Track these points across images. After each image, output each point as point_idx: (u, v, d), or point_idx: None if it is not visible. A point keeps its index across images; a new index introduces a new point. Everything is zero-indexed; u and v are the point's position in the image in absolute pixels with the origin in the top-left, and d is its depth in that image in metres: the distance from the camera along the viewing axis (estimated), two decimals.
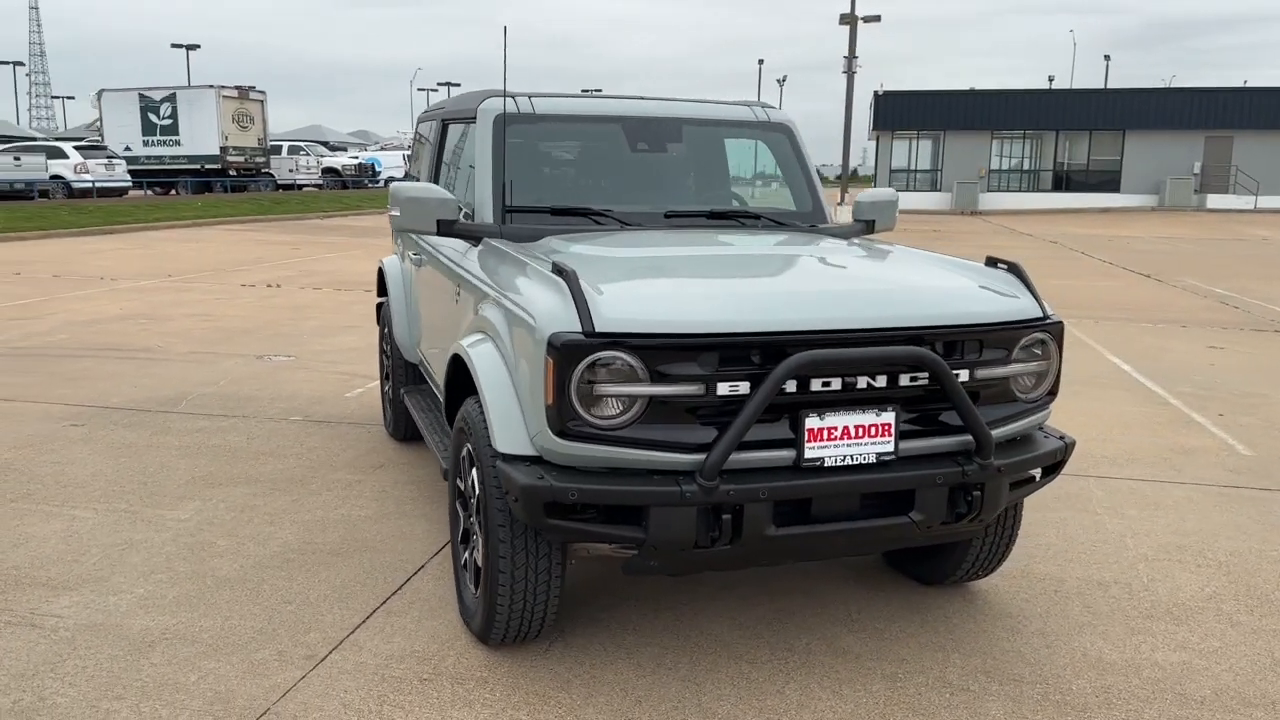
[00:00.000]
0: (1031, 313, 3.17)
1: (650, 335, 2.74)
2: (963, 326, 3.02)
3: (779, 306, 2.89)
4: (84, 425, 5.88)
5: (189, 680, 3.07)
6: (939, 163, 42.96)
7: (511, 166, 4.02)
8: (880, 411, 2.92)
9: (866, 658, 3.30)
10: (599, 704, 2.99)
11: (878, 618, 3.59)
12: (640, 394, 2.75)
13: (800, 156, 4.47)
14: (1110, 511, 4.73)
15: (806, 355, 2.76)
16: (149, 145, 32.32)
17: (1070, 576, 3.98)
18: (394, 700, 2.99)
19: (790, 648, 3.36)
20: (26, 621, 3.42)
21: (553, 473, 2.81)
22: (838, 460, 2.89)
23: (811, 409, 2.86)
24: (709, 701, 3.02)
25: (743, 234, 3.94)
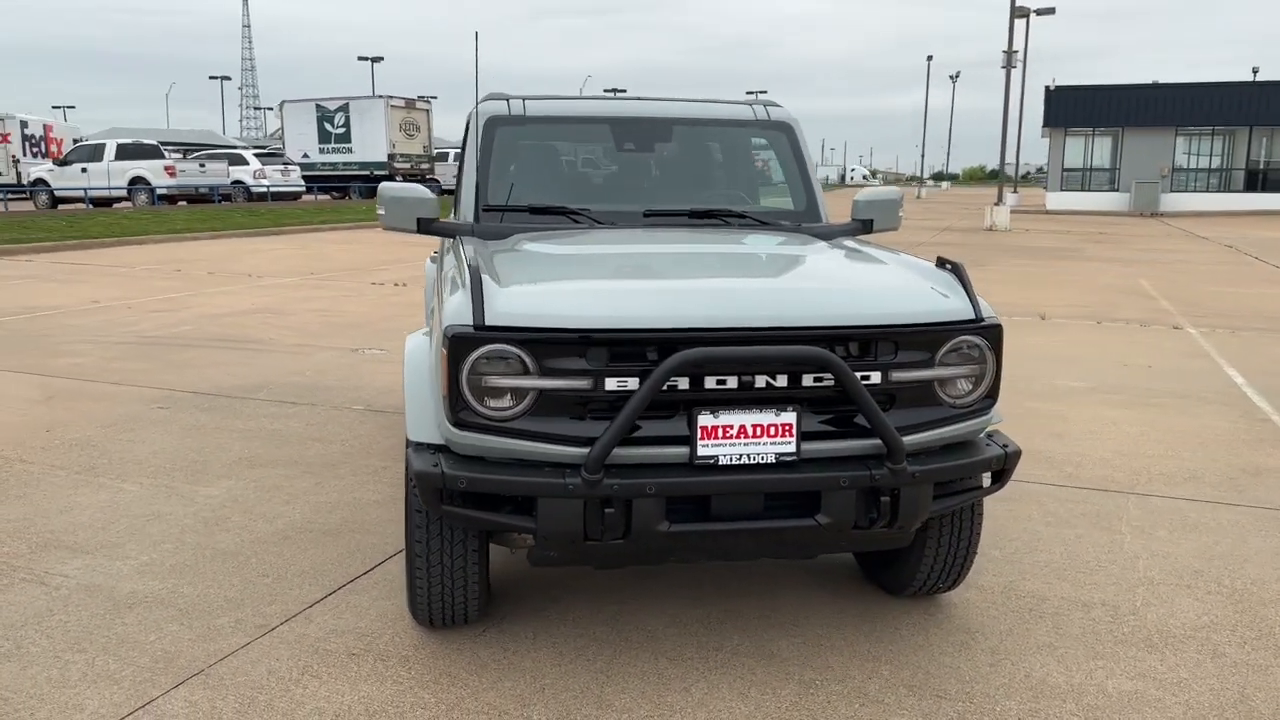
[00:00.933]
0: (961, 314, 3.04)
1: (538, 330, 2.80)
2: (871, 327, 2.93)
3: (674, 304, 2.89)
4: (169, 409, 6.41)
5: (147, 640, 3.34)
6: (1117, 161, 40.62)
7: (501, 166, 4.16)
8: (780, 411, 2.88)
9: (791, 663, 3.25)
10: (503, 688, 3.07)
11: (825, 625, 3.51)
12: (529, 387, 2.81)
13: (799, 155, 4.40)
14: (1137, 531, 4.43)
15: (691, 352, 2.75)
16: (324, 152, 34.49)
17: (1054, 595, 3.77)
18: (315, 670, 3.16)
19: (719, 648, 3.34)
20: (37, 579, 3.80)
21: (452, 461, 2.91)
22: (733, 459, 2.87)
23: (705, 407, 2.85)
24: (611, 694, 3.05)
25: (712, 233, 3.93)
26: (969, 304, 3.07)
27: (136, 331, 9.34)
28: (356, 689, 3.06)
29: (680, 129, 4.39)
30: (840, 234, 4.17)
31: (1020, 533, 4.39)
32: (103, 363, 7.84)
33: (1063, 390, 7.27)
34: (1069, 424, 6.29)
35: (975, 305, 3.08)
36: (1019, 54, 33.36)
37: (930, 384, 3.03)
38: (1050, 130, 41.19)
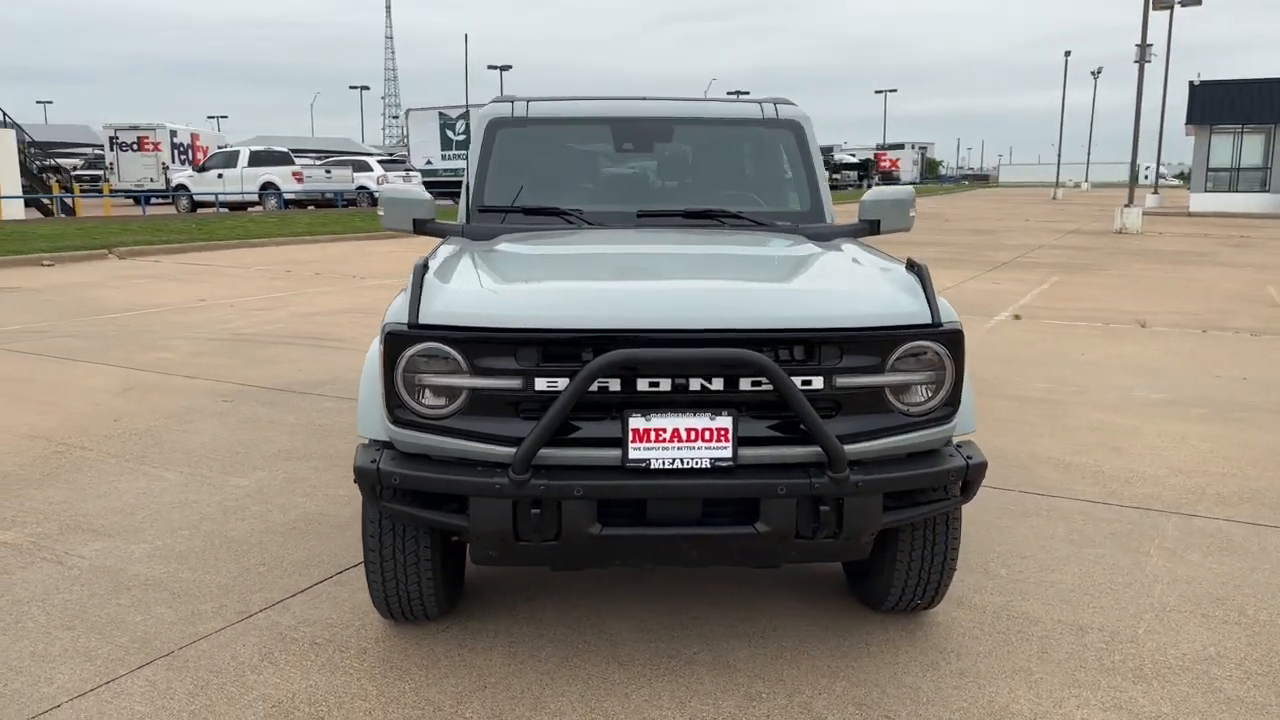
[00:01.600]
0: (915, 318, 2.91)
1: (469, 329, 2.81)
2: (810, 330, 2.83)
3: (607, 304, 2.86)
4: (233, 402, 6.71)
5: (133, 621, 3.51)
6: (1269, 160, 38.06)
7: (500, 168, 4.21)
8: (716, 415, 2.81)
9: (744, 674, 3.17)
10: (446, 685, 3.10)
11: (794, 637, 3.41)
12: (462, 386, 2.83)
13: (806, 155, 4.29)
14: (1166, 554, 4.14)
15: (616, 354, 2.72)
16: (446, 158, 35.46)
17: (1050, 618, 3.56)
18: (275, 658, 3.26)
19: (675, 655, 3.29)
20: (56, 559, 4.04)
21: (391, 458, 2.95)
22: (666, 463, 2.81)
23: (637, 409, 2.81)
24: (549, 696, 3.04)
25: (698, 235, 3.87)
26: (926, 307, 2.94)
27: (230, 329, 9.81)
28: (308, 678, 3.14)
29: (682, 129, 4.34)
30: (840, 235, 4.04)
31: (1036, 551, 4.17)
32: (188, 358, 8.27)
33: (1138, 402, 6.86)
34: (1134, 438, 5.93)
35: (933, 309, 2.94)
36: (1153, 47, 31.61)
37: (881, 390, 2.90)
38: (1194, 128, 38.93)
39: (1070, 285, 13.96)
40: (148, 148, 36.55)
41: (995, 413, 6.48)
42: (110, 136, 37.28)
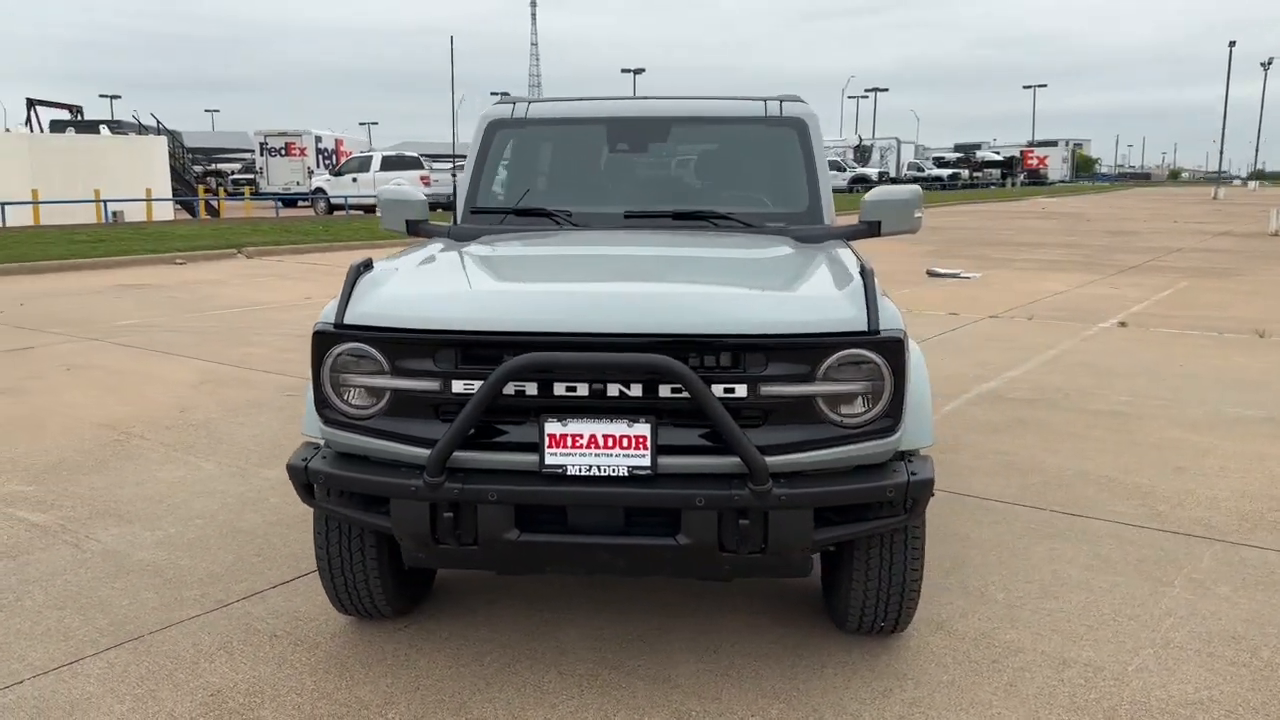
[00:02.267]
0: (849, 325, 2.75)
1: (390, 330, 2.82)
2: (728, 336, 2.71)
3: (522, 308, 2.82)
4: (295, 396, 6.96)
5: (119, 605, 3.67)
6: None
7: (495, 169, 4.22)
8: (633, 422, 2.73)
9: (682, 690, 3.07)
10: (379, 684, 3.11)
11: (748, 654, 3.28)
12: (383, 386, 2.84)
13: (808, 154, 4.14)
14: (1192, 585, 3.81)
15: (526, 358, 2.67)
16: None
17: (1034, 649, 3.32)
18: (233, 646, 3.35)
19: (618, 667, 3.21)
20: (74, 543, 4.26)
21: (322, 457, 2.99)
22: (582, 470, 2.75)
23: (554, 414, 2.75)
24: (476, 703, 3.01)
25: (675, 236, 3.78)
26: (864, 314, 2.77)
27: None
28: (254, 669, 3.21)
29: (679, 128, 4.25)
30: (833, 237, 3.88)
31: (1045, 576, 3.89)
32: (273, 353, 8.64)
33: (1225, 419, 6.34)
34: (1203, 458, 5.48)
35: (871, 316, 2.77)
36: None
37: (812, 400, 2.76)
38: None
39: (1196, 291, 13.05)
40: (294, 153, 38.45)
41: (1059, 426, 6.11)
42: (260, 142, 39.38)
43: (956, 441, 5.78)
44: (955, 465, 5.32)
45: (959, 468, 5.28)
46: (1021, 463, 5.37)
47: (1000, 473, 5.20)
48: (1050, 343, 9.07)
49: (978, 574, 3.91)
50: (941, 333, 9.61)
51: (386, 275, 3.08)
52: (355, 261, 3.09)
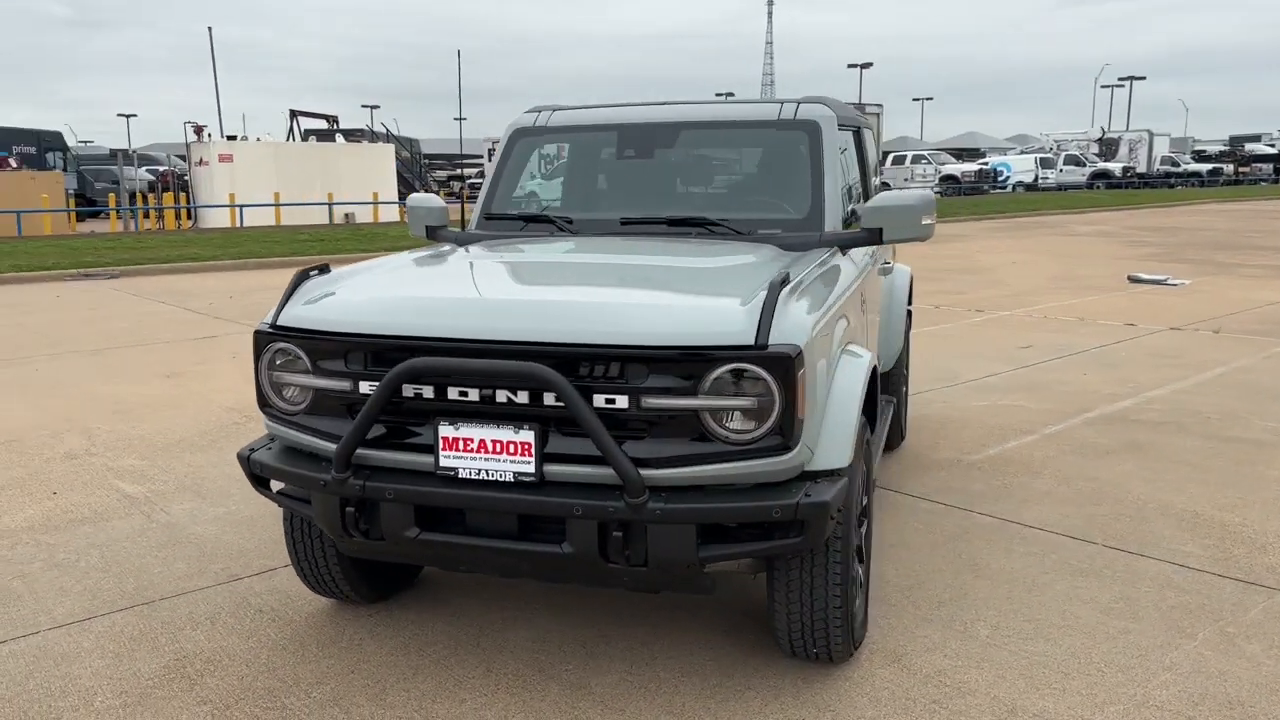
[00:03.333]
0: (734, 339, 2.66)
1: (311, 332, 3.00)
2: (610, 347, 2.69)
3: (416, 314, 2.91)
4: None
5: (154, 571, 4.07)
6: None
7: (513, 176, 4.35)
8: (519, 429, 2.77)
9: (590, 699, 3.07)
10: (323, 663, 3.30)
11: (679, 670, 3.23)
12: (308, 385, 3.02)
13: (817, 158, 3.98)
14: (1219, 639, 3.38)
15: (412, 362, 2.77)
16: None
17: (988, 693, 3.07)
18: (219, 618, 3.65)
19: (543, 670, 3.25)
20: (147, 514, 4.76)
21: (265, 449, 3.21)
22: (472, 473, 2.82)
23: (447, 417, 2.84)
24: (396, 691, 3.14)
25: (657, 242, 3.76)
26: (752, 328, 2.67)
27: None
28: (225, 640, 3.49)
29: (688, 133, 4.20)
30: (829, 245, 3.73)
31: (1050, 615, 3.58)
32: None
33: None
34: None
35: (762, 330, 2.67)
36: None
37: (697, 414, 2.70)
38: None
39: None
40: None
41: (1176, 454, 5.54)
42: (489, 148, 41.65)
43: (1043, 465, 5.36)
44: (1025, 490, 4.94)
45: (1027, 493, 4.90)
46: (1102, 491, 4.92)
47: (1070, 501, 4.78)
48: (1222, 360, 8.17)
49: (974, 608, 3.64)
50: (1102, 345, 8.88)
51: (327, 281, 3.26)
52: (305, 267, 3.29)
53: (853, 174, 4.68)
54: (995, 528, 4.44)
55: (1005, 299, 11.97)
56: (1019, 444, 5.77)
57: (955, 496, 4.86)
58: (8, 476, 5.35)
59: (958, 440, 5.85)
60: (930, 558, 4.11)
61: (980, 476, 5.17)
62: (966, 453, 5.60)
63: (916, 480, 5.12)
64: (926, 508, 4.71)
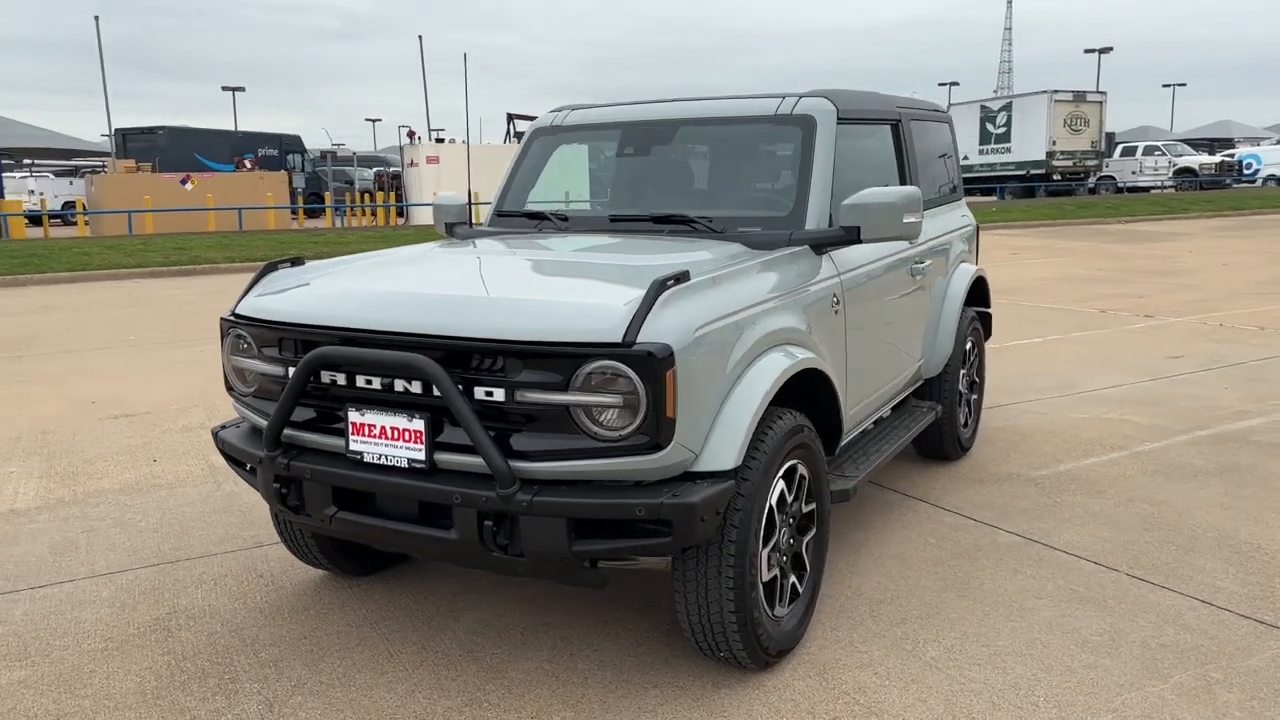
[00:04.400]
0: (602, 336, 2.67)
1: (254, 320, 3.24)
2: (483, 341, 2.77)
3: (322, 305, 3.10)
4: None
5: (195, 534, 4.49)
6: None
7: (527, 174, 4.48)
8: (412, 417, 2.90)
9: (496, 681, 3.16)
10: (284, 627, 3.56)
11: (601, 663, 3.26)
12: (254, 369, 3.27)
13: (808, 154, 3.86)
14: (1196, 684, 3.06)
15: (320, 351, 2.95)
16: (983, 153, 34.00)
17: (900, 717, 2.92)
18: (224, 579, 3.99)
19: (471, 651, 3.36)
20: (217, 483, 5.22)
21: (236, 427, 3.49)
22: (374, 457, 2.97)
23: (355, 404, 3.00)
24: (331, 661, 3.34)
25: (631, 239, 3.78)
26: (622, 327, 2.68)
27: None
28: (217, 599, 3.81)
29: (687, 130, 4.17)
30: (804, 244, 3.63)
31: (1016, 643, 3.34)
32: None
33: None
34: None
35: (632, 329, 2.67)
36: None
37: (567, 410, 2.73)
38: None
39: None
40: None
41: (1274, 479, 4.97)
42: None
43: (1111, 484, 4.95)
44: (1073, 510, 4.59)
45: (1074, 513, 4.55)
46: (1160, 516, 4.49)
47: (1118, 524, 4.40)
48: None
49: (938, 628, 3.45)
50: (1266, 359, 8.01)
51: (296, 273, 3.50)
52: (275, 259, 3.55)
53: (880, 171, 4.51)
54: (1015, 547, 4.16)
55: (1187, 305, 10.98)
56: (1098, 460, 5.34)
57: (990, 513, 4.58)
58: (125, 444, 6.02)
59: (1032, 454, 5.48)
60: (921, 574, 3.91)
61: (1033, 493, 4.84)
62: (1033, 468, 5.24)
63: (958, 493, 4.85)
64: (951, 522, 4.47)
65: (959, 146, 27.69)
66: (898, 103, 4.76)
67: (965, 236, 5.51)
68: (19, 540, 4.45)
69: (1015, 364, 7.93)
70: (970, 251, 5.58)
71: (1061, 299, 11.64)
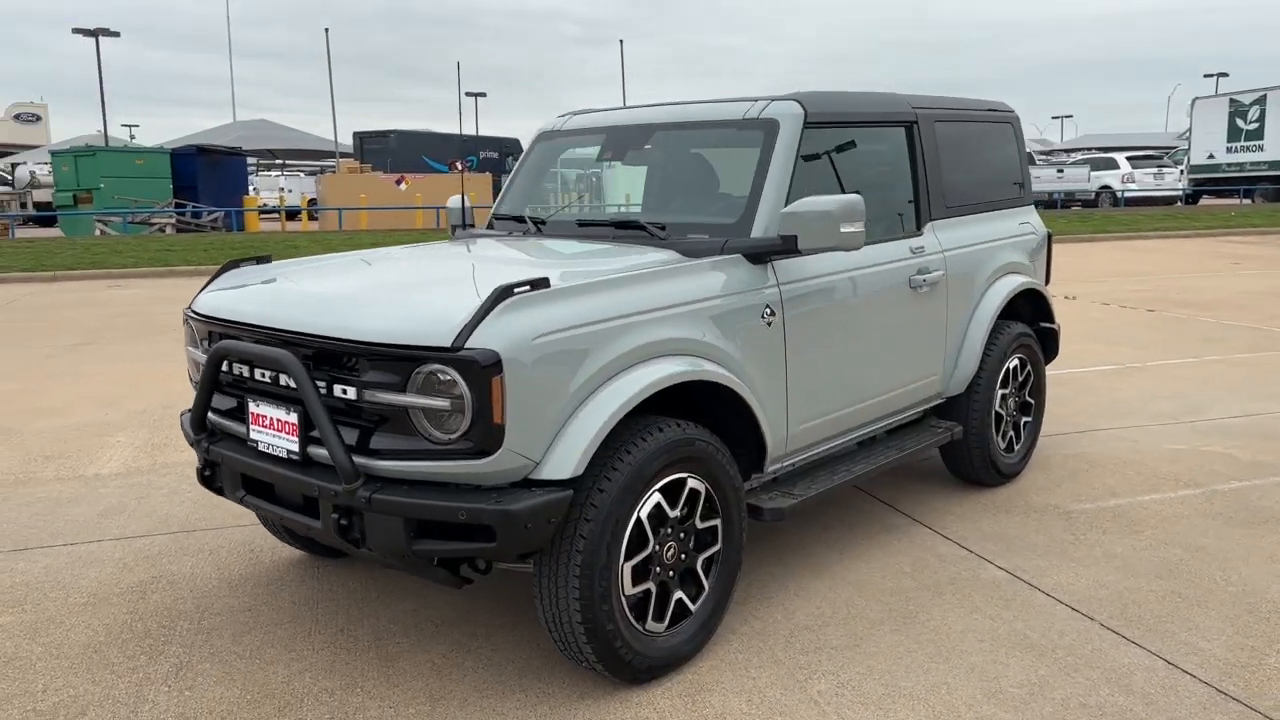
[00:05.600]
0: (435, 340, 2.72)
1: (194, 315, 3.51)
2: (338, 340, 2.90)
3: (229, 302, 3.30)
4: None
5: (221, 505, 4.87)
6: None
7: (525, 178, 4.58)
8: (288, 410, 3.06)
9: (384, 674, 3.26)
10: (238, 598, 3.82)
11: (491, 662, 3.31)
12: (198, 358, 3.55)
13: (766, 159, 3.71)
14: None
15: (220, 344, 3.17)
16: (1230, 152, 30.65)
17: None
18: (218, 552, 4.32)
19: (380, 645, 3.48)
20: None
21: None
22: (266, 447, 3.16)
23: (252, 395, 3.20)
24: (251, 637, 3.54)
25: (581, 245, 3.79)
26: (453, 331, 2.72)
27: None
28: (201, 567, 4.14)
29: (661, 135, 4.10)
30: (729, 253, 3.51)
31: (921, 684, 3.11)
32: None
33: None
34: None
35: (462, 334, 2.70)
36: None
37: (405, 411, 2.81)
38: None
39: None
40: None
41: None
42: None
43: (1155, 525, 4.46)
44: (1090, 550, 4.18)
45: (1088, 553, 4.14)
46: (1186, 565, 4.01)
47: (1131, 570, 3.97)
48: None
49: (847, 661, 3.26)
50: None
51: (250, 270, 3.75)
52: (237, 257, 3.83)
53: (885, 177, 4.28)
54: (994, 584, 3.84)
55: None
56: (1160, 497, 4.81)
57: (993, 545, 4.24)
58: None
59: (1089, 485, 5.01)
60: (871, 603, 3.69)
61: (1058, 528, 4.43)
62: (1078, 500, 4.79)
63: (972, 521, 4.52)
64: (944, 551, 4.18)
65: (1205, 143, 25.75)
66: (915, 102, 4.49)
67: (1020, 246, 5.10)
68: (81, 501, 5.01)
69: (1144, 386, 7.23)
70: (1028, 262, 5.16)
71: (1251, 316, 10.45)
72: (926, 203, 4.45)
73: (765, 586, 3.86)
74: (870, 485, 5.04)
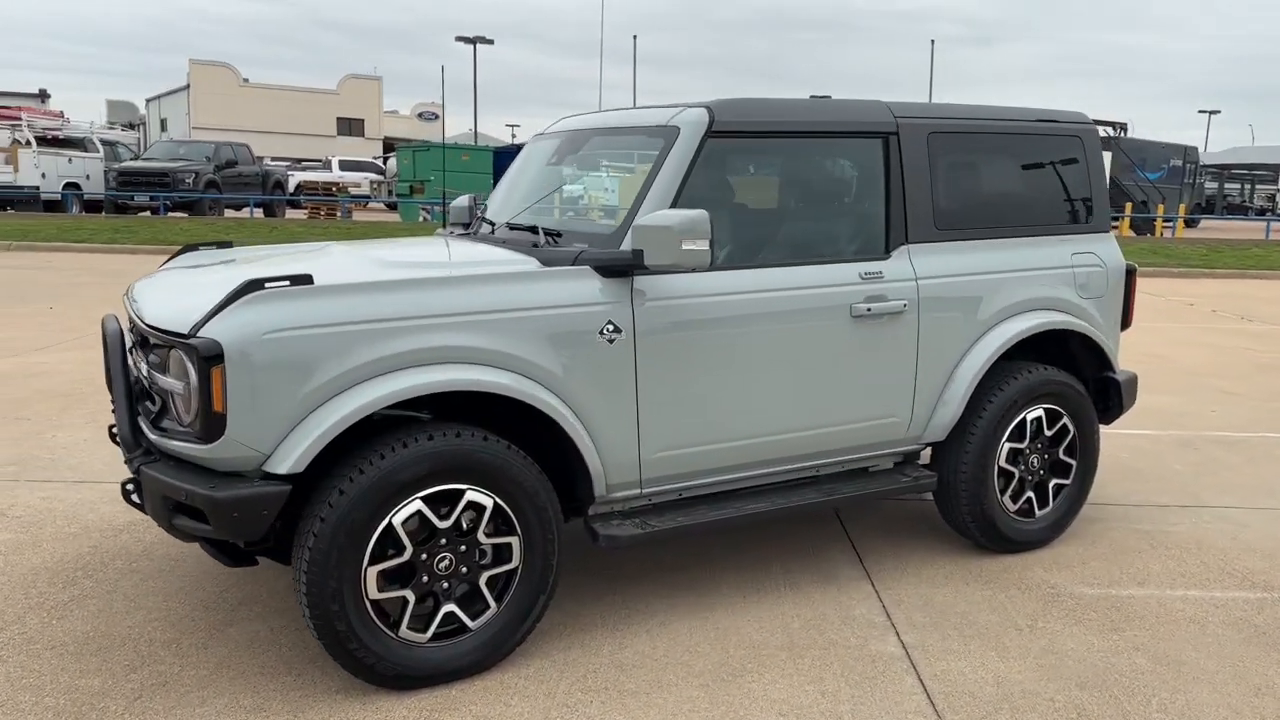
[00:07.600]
0: (178, 328, 2.88)
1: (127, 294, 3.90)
2: (139, 324, 3.14)
3: (143, 285, 3.59)
4: None
5: None
6: None
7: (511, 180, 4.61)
8: None
9: (247, 665, 3.46)
10: (166, 581, 4.12)
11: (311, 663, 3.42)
12: None
13: (655, 170, 3.48)
14: None
15: None
16: None
17: None
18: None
19: (275, 639, 3.59)
20: None
21: None
22: None
23: None
24: (214, 621, 3.91)
25: (482, 247, 3.77)
26: (194, 318, 2.86)
27: None
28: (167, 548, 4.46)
29: (597, 140, 3.96)
30: (581, 264, 3.35)
31: (808, 697, 2.82)
32: None
33: None
34: None
35: (199, 323, 2.83)
36: None
37: (169, 393, 3.00)
38: None
39: None
40: None
41: None
42: None
43: (1158, 626, 3.69)
44: (1047, 642, 3.55)
45: (1037, 645, 3.52)
46: (1140, 680, 3.29)
47: (1061, 672, 3.32)
48: None
49: (617, 709, 3.02)
50: None
51: (200, 254, 4.09)
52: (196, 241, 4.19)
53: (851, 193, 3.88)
54: (874, 659, 3.37)
55: None
56: (1198, 595, 3.96)
57: (920, 616, 3.70)
58: None
59: (1120, 568, 4.22)
60: (711, 652, 3.37)
61: (1021, 611, 3.78)
62: (1088, 584, 4.05)
63: (926, 585, 3.97)
64: (859, 612, 3.71)
65: None
66: (901, 111, 3.97)
67: (1066, 279, 4.34)
68: None
69: None
70: (1078, 299, 4.37)
71: None
72: (902, 223, 3.95)
73: (630, 616, 3.66)
74: (855, 530, 4.57)
